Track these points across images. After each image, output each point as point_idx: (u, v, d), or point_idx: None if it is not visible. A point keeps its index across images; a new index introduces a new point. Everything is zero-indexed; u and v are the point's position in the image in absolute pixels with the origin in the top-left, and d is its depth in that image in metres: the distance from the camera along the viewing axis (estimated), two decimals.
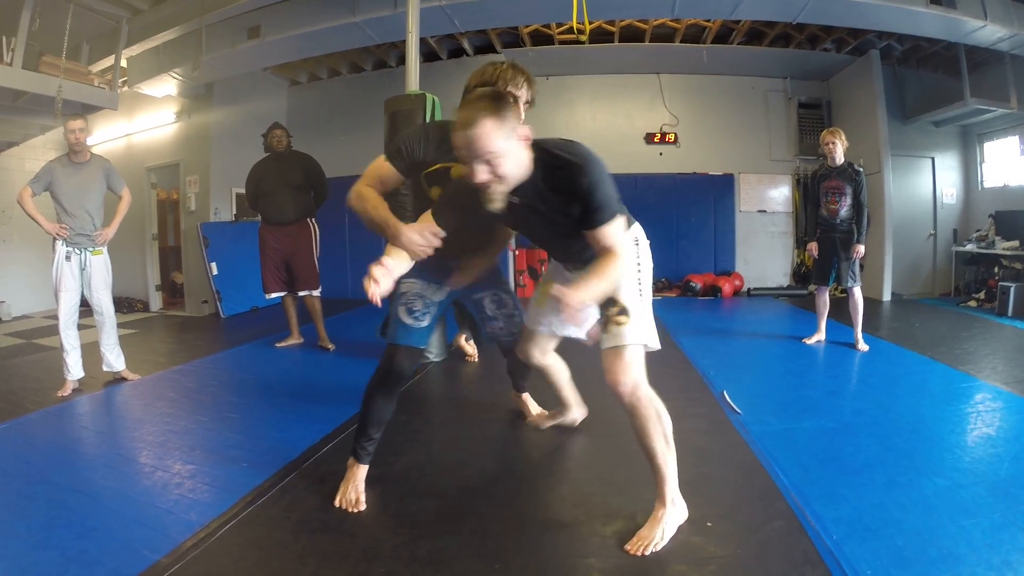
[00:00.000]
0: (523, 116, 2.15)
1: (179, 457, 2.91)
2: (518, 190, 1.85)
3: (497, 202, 1.82)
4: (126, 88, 7.27)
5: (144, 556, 1.98)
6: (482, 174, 1.73)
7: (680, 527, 2.12)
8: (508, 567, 1.91)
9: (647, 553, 1.96)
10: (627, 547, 1.99)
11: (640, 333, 2.04)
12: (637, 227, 2.20)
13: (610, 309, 2.04)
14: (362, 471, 2.46)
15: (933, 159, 8.75)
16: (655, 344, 2.09)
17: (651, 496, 2.37)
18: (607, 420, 3.14)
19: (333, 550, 2.02)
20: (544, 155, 1.83)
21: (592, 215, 1.83)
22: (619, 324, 2.02)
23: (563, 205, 1.87)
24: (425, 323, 2.47)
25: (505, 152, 1.72)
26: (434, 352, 4.63)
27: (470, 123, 1.69)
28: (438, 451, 2.96)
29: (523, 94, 2.27)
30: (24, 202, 4.05)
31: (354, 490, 2.40)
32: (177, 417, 3.56)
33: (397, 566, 1.91)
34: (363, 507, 2.35)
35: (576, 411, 3.09)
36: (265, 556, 2.00)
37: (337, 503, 2.37)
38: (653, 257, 2.21)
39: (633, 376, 2.01)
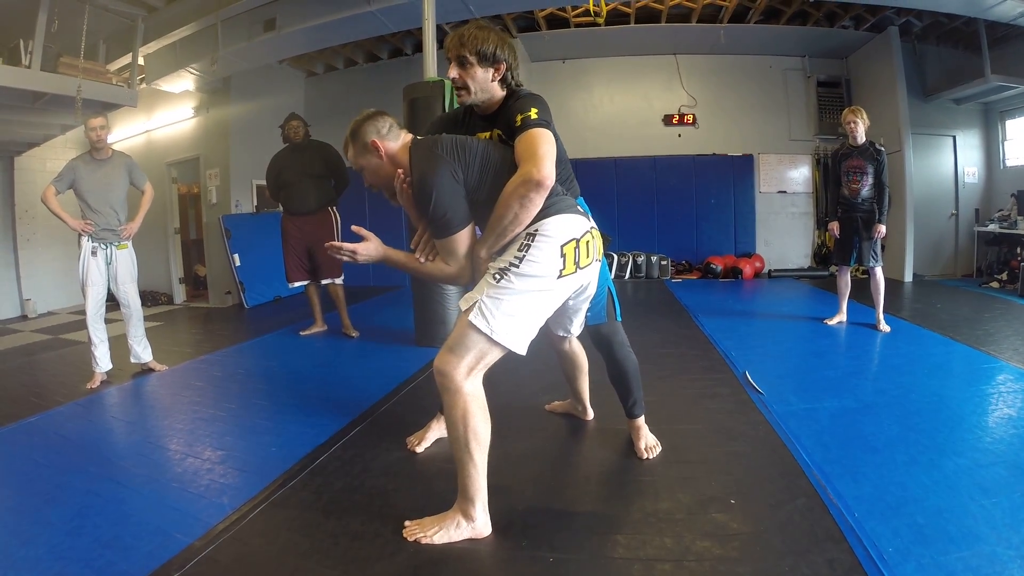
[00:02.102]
0: (510, 77, 2.22)
1: (209, 443, 2.98)
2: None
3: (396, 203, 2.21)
4: (144, 85, 7.33)
5: (177, 540, 2.03)
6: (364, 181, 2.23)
7: (704, 504, 2.15)
8: (535, 544, 1.95)
9: (410, 540, 1.97)
10: (406, 523, 2.04)
11: (478, 312, 1.89)
12: (549, 220, 1.98)
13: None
14: (443, 422, 2.69)
15: (954, 137, 8.64)
16: (483, 327, 1.87)
17: (679, 474, 2.42)
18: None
19: (364, 529, 2.06)
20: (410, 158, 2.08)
21: (432, 228, 2.06)
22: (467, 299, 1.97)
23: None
24: None
25: (365, 166, 2.16)
26: None
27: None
28: None
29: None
30: (48, 201, 4.12)
31: (422, 435, 2.84)
32: (205, 405, 3.63)
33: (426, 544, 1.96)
34: (419, 450, 2.76)
35: (588, 409, 3.09)
36: (297, 536, 2.05)
37: (408, 439, 2.84)
38: (673, 240, 2.18)
39: (448, 360, 1.91)
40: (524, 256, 1.93)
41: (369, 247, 2.13)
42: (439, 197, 1.93)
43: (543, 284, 1.93)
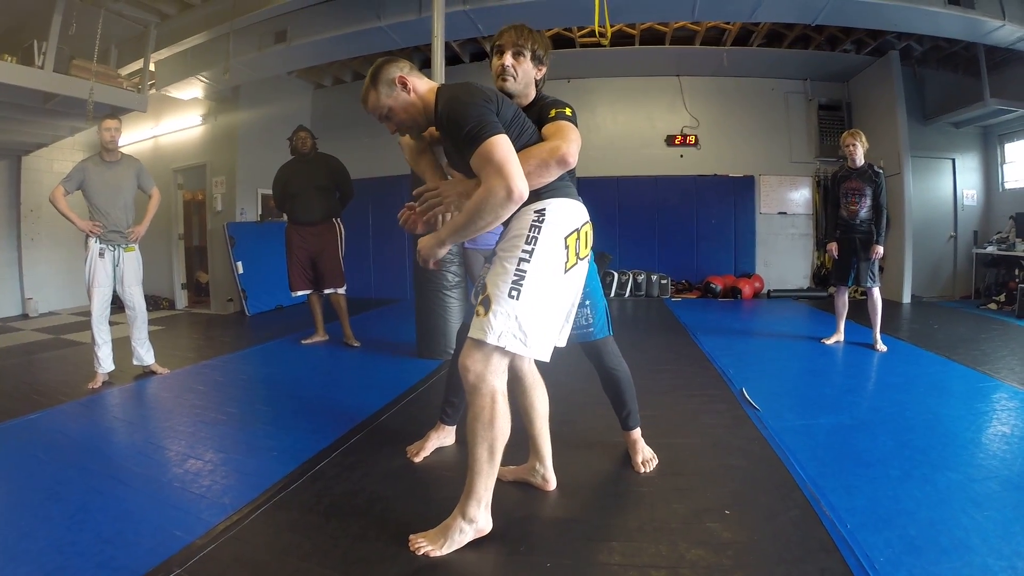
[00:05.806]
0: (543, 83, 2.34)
1: (210, 446, 3.01)
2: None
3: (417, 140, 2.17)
4: (154, 91, 7.42)
5: (179, 537, 2.06)
6: (389, 126, 2.06)
7: (699, 514, 2.18)
8: (533, 549, 1.99)
9: (419, 554, 1.94)
10: (410, 537, 2.00)
11: (498, 334, 1.82)
12: (557, 202, 1.95)
13: (480, 294, 1.91)
14: (442, 431, 2.92)
15: (953, 160, 8.73)
16: (520, 351, 1.85)
17: (675, 486, 2.43)
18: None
19: (364, 532, 2.09)
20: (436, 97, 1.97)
21: (464, 145, 1.82)
22: (477, 315, 1.88)
23: (452, 143, 1.93)
24: None
25: (392, 106, 1.98)
26: None
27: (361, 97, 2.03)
28: (462, 438, 2.98)
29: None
30: (57, 201, 4.17)
31: (422, 444, 2.86)
32: (207, 409, 3.66)
33: None
34: (419, 459, 2.77)
35: (551, 475, 2.49)
36: (298, 537, 2.07)
37: (408, 449, 2.85)
38: (673, 259, 2.15)
39: (478, 368, 1.87)
40: (533, 250, 1.86)
41: (427, 240, 2.00)
42: (471, 111, 1.79)
43: (556, 282, 1.89)
